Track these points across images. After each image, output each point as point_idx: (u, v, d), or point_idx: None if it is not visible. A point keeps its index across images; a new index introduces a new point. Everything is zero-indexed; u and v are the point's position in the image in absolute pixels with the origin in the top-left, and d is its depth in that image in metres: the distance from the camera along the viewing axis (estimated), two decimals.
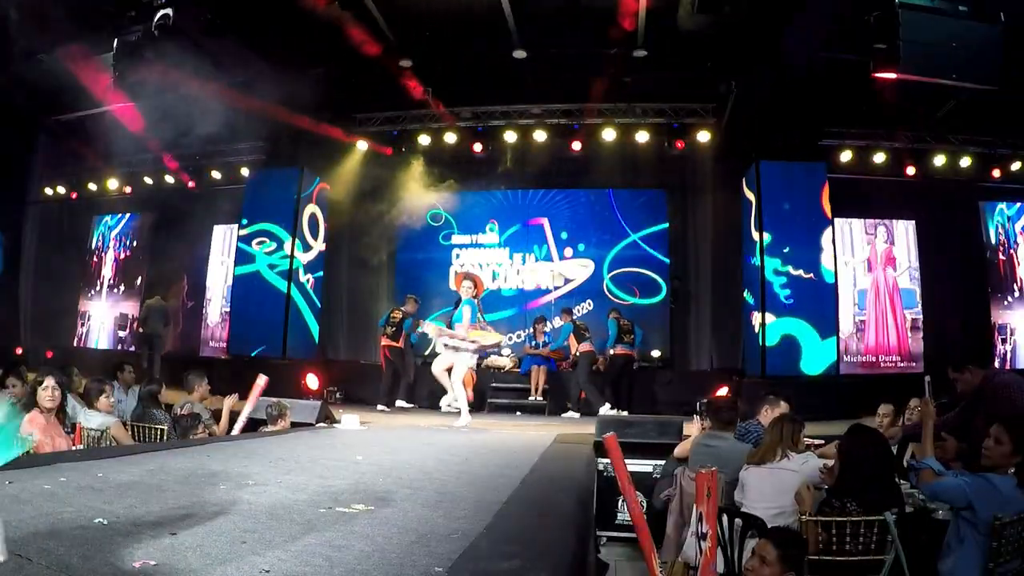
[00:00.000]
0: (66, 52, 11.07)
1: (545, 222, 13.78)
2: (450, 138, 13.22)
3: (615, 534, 6.95)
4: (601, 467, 6.36)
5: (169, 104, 11.36)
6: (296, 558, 2.23)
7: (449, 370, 8.18)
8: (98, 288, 16.46)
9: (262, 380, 7.06)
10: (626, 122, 12.66)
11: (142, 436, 5.78)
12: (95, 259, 16.66)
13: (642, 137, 12.66)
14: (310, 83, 11.08)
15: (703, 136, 12.46)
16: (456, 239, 14.06)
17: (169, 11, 9.74)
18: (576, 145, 13.02)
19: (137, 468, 3.87)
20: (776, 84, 10.55)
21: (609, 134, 12.63)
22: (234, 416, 6.83)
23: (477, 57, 11.52)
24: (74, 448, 4.88)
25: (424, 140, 13.37)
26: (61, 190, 16.53)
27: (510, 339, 12.93)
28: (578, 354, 11.16)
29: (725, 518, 4.12)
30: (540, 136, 12.91)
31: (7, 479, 3.21)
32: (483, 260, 13.87)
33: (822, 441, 6.26)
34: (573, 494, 3.61)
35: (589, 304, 13.25)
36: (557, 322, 12.36)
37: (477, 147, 13.24)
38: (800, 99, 10.96)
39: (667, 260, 13.22)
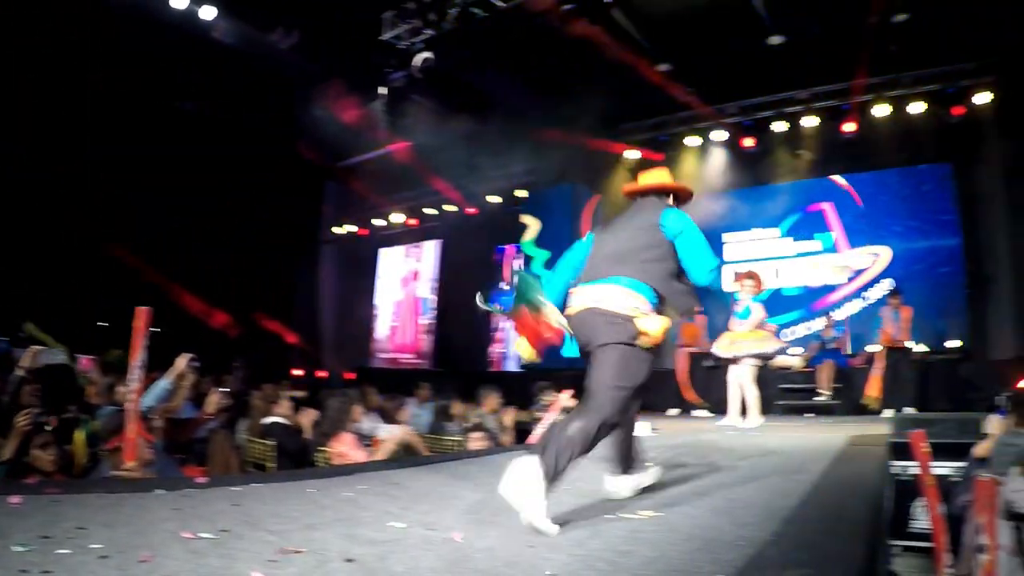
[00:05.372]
0: (339, 105, 12.41)
1: (828, 208, 12.54)
2: (718, 136, 13.11)
3: (908, 543, 6.49)
4: (895, 470, 5.93)
5: (441, 138, 12.29)
6: (581, 562, 2.30)
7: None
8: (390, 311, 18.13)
9: None
10: (896, 94, 11.68)
11: (436, 448, 6.25)
12: (384, 286, 18.36)
13: (916, 108, 11.59)
14: (575, 101, 11.41)
15: (982, 98, 11.09)
16: (730, 236, 13.20)
17: (430, 54, 10.55)
18: (849, 126, 12.20)
19: (432, 477, 4.23)
20: None
21: (882, 110, 11.75)
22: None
23: (733, 51, 11.32)
24: (372, 460, 5.35)
25: (693, 141, 13.39)
26: (352, 228, 18.52)
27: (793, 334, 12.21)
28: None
29: None
30: (810, 122, 12.40)
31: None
32: (761, 254, 12.92)
33: None
34: (866, 500, 3.42)
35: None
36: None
37: (747, 142, 12.97)
38: None
39: (957, 240, 11.43)
